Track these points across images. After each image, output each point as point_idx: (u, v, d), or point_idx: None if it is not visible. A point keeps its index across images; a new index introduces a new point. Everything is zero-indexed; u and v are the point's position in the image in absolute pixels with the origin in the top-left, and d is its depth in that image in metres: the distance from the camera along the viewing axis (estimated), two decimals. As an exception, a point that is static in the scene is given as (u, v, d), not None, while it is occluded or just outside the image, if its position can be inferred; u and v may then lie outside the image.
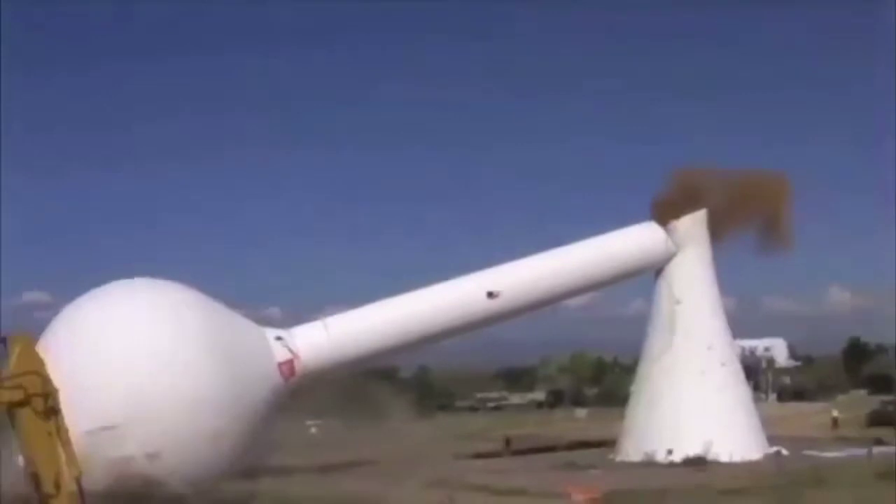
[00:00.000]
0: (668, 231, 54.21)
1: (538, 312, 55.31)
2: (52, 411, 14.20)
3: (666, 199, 55.01)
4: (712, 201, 54.76)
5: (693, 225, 54.44)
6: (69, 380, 16.33)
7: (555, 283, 51.92)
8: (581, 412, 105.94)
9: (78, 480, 14.60)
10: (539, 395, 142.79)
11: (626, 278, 56.83)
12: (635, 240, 54.35)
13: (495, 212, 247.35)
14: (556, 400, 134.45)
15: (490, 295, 49.05)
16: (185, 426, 38.68)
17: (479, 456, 56.73)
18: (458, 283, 50.35)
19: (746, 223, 56.74)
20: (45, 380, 14.39)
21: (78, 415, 15.47)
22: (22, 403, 14.11)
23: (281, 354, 44.52)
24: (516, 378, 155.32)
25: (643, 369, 55.06)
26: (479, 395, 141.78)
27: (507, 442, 61.81)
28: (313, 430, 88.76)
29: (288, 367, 44.57)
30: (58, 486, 14.05)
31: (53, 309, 49.24)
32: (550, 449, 57.75)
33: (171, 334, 40.61)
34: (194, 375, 39.51)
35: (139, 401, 38.31)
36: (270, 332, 45.45)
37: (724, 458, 49.23)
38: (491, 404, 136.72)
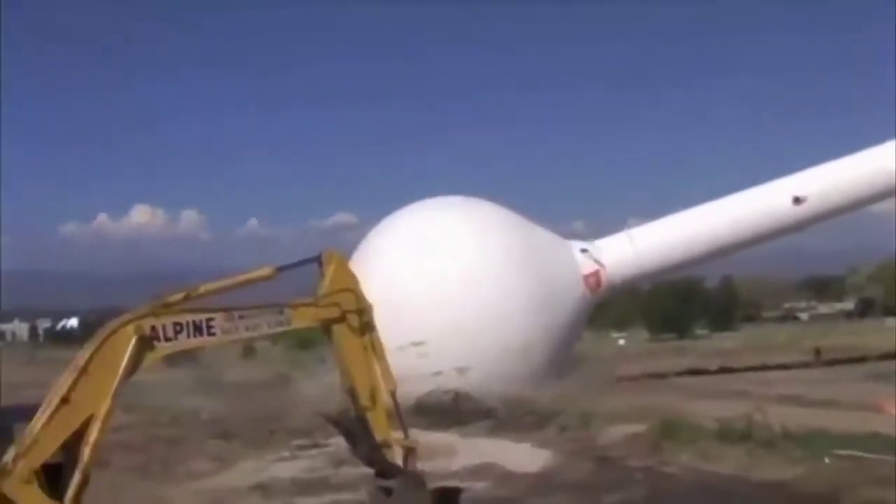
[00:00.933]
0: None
1: (845, 218, 53.57)
2: (367, 327, 14.48)
3: None
4: None
5: None
6: (380, 296, 16.67)
7: (863, 186, 50.00)
8: (893, 321, 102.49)
9: (393, 394, 14.90)
10: (848, 305, 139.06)
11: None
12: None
13: (803, 114, 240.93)
14: (865, 309, 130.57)
15: (796, 200, 47.81)
16: (493, 340, 39.48)
17: (787, 367, 55.54)
18: (763, 190, 49.29)
19: None
20: (359, 297, 14.66)
21: (390, 330, 15.74)
22: (337, 320, 14.39)
23: (587, 267, 44.85)
24: (824, 287, 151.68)
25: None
26: (786, 305, 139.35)
27: (817, 352, 60.34)
28: (621, 342, 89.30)
29: (594, 279, 44.92)
30: (374, 399, 14.34)
31: (360, 230, 50.86)
32: (861, 360, 55.95)
33: (481, 250, 41.51)
34: (503, 290, 40.30)
35: (449, 316, 39.32)
36: (576, 245, 45.86)
37: None
38: (800, 314, 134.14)
